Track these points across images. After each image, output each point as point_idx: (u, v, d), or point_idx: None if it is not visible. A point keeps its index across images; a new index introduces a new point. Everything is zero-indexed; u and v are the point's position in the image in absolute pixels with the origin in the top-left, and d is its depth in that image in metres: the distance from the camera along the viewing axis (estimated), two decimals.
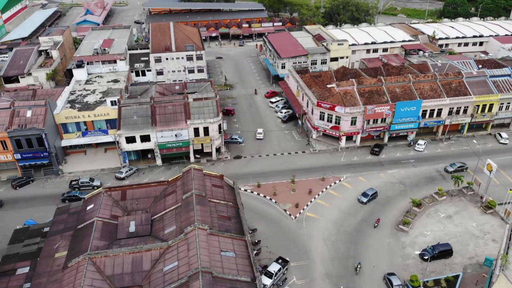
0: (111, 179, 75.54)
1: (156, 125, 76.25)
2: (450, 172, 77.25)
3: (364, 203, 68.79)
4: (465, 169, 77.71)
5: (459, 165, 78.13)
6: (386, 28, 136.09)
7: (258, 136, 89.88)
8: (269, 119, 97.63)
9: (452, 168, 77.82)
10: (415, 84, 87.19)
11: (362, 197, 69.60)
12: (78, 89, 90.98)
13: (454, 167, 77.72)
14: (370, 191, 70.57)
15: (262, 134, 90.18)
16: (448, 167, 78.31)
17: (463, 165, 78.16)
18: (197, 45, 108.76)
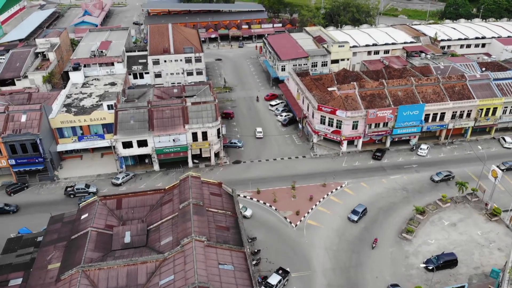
0: (108, 185, 73.94)
1: (154, 129, 74.66)
2: (436, 181, 74.66)
3: (355, 221, 64.74)
4: (451, 178, 75.32)
5: (446, 174, 75.46)
6: (387, 29, 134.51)
7: (258, 135, 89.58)
8: (269, 122, 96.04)
9: (438, 177, 75.10)
10: (418, 87, 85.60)
11: (352, 215, 65.29)
12: (74, 92, 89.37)
13: (441, 176, 75.01)
14: (360, 207, 66.34)
15: (262, 133, 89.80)
16: (435, 176, 75.44)
17: (449, 173, 75.47)
18: (196, 47, 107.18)
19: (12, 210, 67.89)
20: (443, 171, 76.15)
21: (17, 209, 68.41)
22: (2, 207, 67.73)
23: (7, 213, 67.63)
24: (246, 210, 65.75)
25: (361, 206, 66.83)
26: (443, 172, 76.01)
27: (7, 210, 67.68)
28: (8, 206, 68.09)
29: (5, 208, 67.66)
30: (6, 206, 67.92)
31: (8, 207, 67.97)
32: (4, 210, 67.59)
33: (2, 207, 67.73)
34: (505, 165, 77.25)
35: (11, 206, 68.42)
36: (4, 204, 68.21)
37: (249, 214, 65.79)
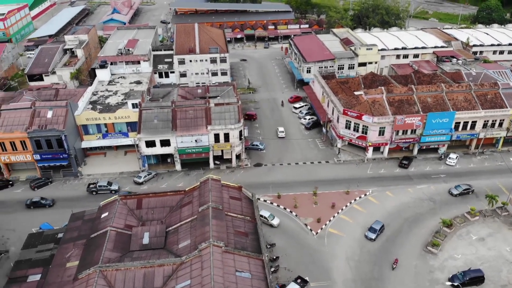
0: (130, 183, 74.15)
1: (177, 129, 74.44)
2: (455, 195, 71.04)
3: (373, 239, 61.25)
4: (470, 192, 71.90)
5: (465, 187, 71.74)
6: (418, 32, 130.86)
7: (280, 135, 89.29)
8: (292, 125, 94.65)
9: (457, 190, 71.44)
10: (448, 94, 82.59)
11: (370, 233, 61.74)
12: (100, 89, 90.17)
13: (460, 189, 71.34)
14: (377, 224, 62.81)
15: (284, 132, 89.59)
16: (453, 189, 71.72)
17: (469, 187, 71.73)
18: (221, 48, 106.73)
19: (48, 204, 68.46)
20: (462, 184, 72.50)
21: (53, 203, 68.94)
22: (39, 200, 68.43)
23: (43, 206, 68.21)
24: (273, 219, 63.56)
25: (379, 223, 63.11)
26: (462, 185, 72.33)
27: (43, 204, 68.32)
28: (44, 200, 68.77)
29: (41, 202, 68.37)
30: (42, 200, 68.67)
31: (45, 201, 68.64)
32: (40, 204, 68.26)
33: (38, 200, 68.42)
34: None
35: (47, 200, 69.04)
36: (40, 198, 68.94)
37: (277, 223, 63.56)
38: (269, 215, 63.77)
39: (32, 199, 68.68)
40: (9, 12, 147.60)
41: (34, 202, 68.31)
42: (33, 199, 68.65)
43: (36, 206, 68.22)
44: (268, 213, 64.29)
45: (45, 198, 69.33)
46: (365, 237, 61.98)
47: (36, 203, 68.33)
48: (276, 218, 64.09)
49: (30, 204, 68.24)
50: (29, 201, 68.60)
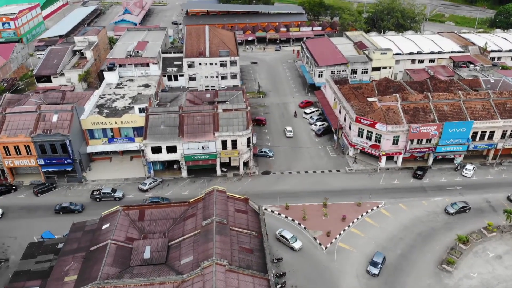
0: (134, 190, 72.42)
1: (183, 136, 72.48)
2: (451, 213, 66.66)
3: (377, 275, 55.42)
4: (467, 210, 68.19)
5: (462, 205, 67.50)
6: (434, 37, 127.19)
7: (288, 134, 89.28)
8: (302, 131, 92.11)
9: (453, 209, 67.07)
10: (466, 102, 79.30)
11: (372, 267, 55.92)
12: (108, 92, 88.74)
13: (456, 207, 67.05)
14: (379, 257, 57.01)
15: (292, 132, 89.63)
16: (449, 207, 67.42)
17: (466, 205, 67.60)
18: (231, 51, 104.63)
19: (78, 210, 67.07)
20: (459, 202, 67.93)
21: (82, 209, 67.56)
22: (68, 206, 67.02)
23: (73, 212, 66.86)
24: (295, 241, 59.01)
25: (380, 255, 57.40)
26: (458, 203, 67.81)
27: (72, 209, 66.83)
28: (73, 205, 67.39)
29: (70, 207, 66.94)
30: (71, 205, 67.35)
31: (74, 206, 67.24)
32: (69, 209, 66.76)
33: (67, 206, 67.01)
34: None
35: (76, 205, 67.67)
36: (69, 203, 67.62)
37: (298, 247, 58.96)
38: (291, 236, 59.66)
39: (61, 204, 67.21)
40: (20, 12, 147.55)
41: (63, 208, 66.87)
42: (62, 204, 67.17)
43: (65, 212, 66.68)
44: (291, 234, 60.14)
45: (74, 203, 67.82)
46: (367, 272, 56.13)
47: (65, 208, 66.85)
48: (298, 241, 59.55)
49: (59, 210, 66.77)
50: (58, 206, 67.12)
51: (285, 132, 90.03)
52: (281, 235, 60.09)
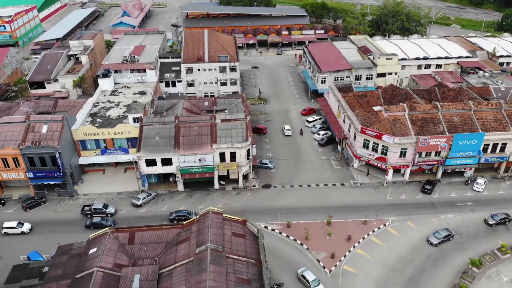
0: (127, 205, 68.74)
1: (179, 148, 68.80)
2: (435, 244, 60.84)
3: None
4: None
5: (445, 234, 61.87)
6: (440, 41, 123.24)
7: (287, 133, 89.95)
8: (304, 140, 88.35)
9: (437, 239, 61.26)
10: (477, 112, 75.42)
11: None
12: (102, 100, 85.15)
13: (440, 237, 61.04)
14: None
15: (290, 130, 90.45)
16: (432, 237, 61.33)
17: (449, 233, 61.65)
18: (231, 56, 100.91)
19: (109, 225, 63.31)
20: (441, 231, 62.15)
21: (114, 224, 64.18)
22: (99, 221, 63.63)
23: (104, 227, 62.10)
24: (317, 286, 53.01)
25: None
26: (441, 231, 62.02)
27: (104, 224, 63.17)
28: (105, 220, 64.11)
29: (102, 223, 63.51)
30: (103, 220, 64.04)
31: (105, 221, 63.94)
32: (101, 225, 63.13)
33: (98, 221, 63.60)
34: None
35: (108, 220, 64.49)
36: (101, 218, 64.30)
37: None
38: (313, 279, 53.39)
39: (92, 220, 63.86)
40: (16, 14, 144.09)
41: (94, 223, 63.52)
42: (93, 220, 63.81)
43: (96, 227, 62.92)
44: (313, 276, 53.80)
45: (105, 218, 64.57)
46: None
47: (96, 224, 63.45)
48: (321, 285, 53.37)
49: (90, 225, 63.49)
50: (88, 222, 63.85)
51: (283, 130, 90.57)
52: (302, 275, 54.12)
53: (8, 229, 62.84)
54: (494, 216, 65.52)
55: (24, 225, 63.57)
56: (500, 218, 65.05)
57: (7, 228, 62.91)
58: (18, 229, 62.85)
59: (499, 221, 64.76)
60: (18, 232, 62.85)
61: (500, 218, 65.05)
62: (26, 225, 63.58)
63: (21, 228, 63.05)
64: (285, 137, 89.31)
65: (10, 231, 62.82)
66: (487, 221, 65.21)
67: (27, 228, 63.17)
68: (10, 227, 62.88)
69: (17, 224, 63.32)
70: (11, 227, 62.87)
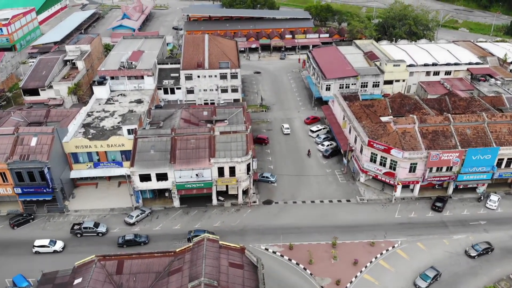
0: (120, 223, 64.98)
1: (175, 162, 65.02)
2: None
3: None
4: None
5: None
6: (449, 46, 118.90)
7: (286, 131, 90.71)
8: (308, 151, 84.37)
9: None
10: (490, 125, 71.25)
11: None
12: (96, 109, 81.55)
13: (428, 280, 54.23)
14: None
15: (289, 129, 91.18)
16: (419, 280, 54.54)
17: (437, 273, 55.33)
18: (232, 62, 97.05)
19: (143, 242, 60.65)
20: (429, 271, 55.36)
21: (148, 240, 61.03)
22: (132, 238, 60.46)
23: (138, 244, 60.32)
24: None
25: None
26: (428, 273, 55.07)
27: (138, 241, 60.41)
28: (138, 237, 60.90)
29: (135, 240, 60.47)
30: (136, 237, 60.77)
31: (139, 238, 60.80)
32: (134, 242, 60.31)
33: (131, 238, 60.44)
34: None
35: (141, 236, 61.28)
36: (134, 235, 61.01)
37: None
38: None
39: (125, 237, 60.63)
40: (14, 17, 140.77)
41: (127, 241, 60.35)
42: (126, 237, 60.57)
43: (129, 245, 60.06)
44: None
45: (139, 235, 61.29)
46: None
47: (129, 241, 60.36)
48: None
49: (123, 243, 60.26)
50: (121, 239, 60.58)
51: (282, 129, 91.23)
52: None
53: (40, 247, 59.26)
54: (475, 246, 60.08)
55: (57, 243, 60.10)
56: (482, 248, 59.60)
57: (38, 246, 59.29)
58: (51, 248, 59.29)
59: (481, 252, 59.29)
60: (50, 250, 59.26)
61: (482, 248, 59.56)
62: (59, 243, 60.12)
63: (53, 246, 59.51)
64: (288, 146, 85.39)
65: (41, 250, 59.33)
66: (468, 252, 59.52)
67: (59, 247, 59.66)
68: (42, 246, 59.30)
69: (49, 242, 59.84)
70: (43, 246, 59.30)
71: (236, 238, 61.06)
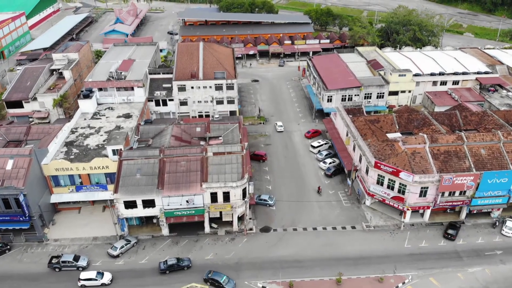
0: (103, 255, 59.15)
1: (163, 187, 59.30)
2: None
3: None
4: None
5: None
6: (456, 53, 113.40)
7: (279, 129, 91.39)
8: (309, 170, 78.78)
9: None
10: (506, 144, 65.70)
11: None
12: (81, 125, 75.86)
13: None
14: None
15: (283, 127, 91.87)
16: None
17: None
18: (228, 72, 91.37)
19: (187, 266, 56.76)
20: None
21: (191, 264, 57.08)
22: (175, 263, 56.36)
23: (181, 269, 56.40)
24: None
25: None
26: None
27: (181, 266, 56.46)
28: (181, 262, 56.90)
29: (178, 264, 56.44)
30: (179, 261, 56.78)
31: (181, 263, 56.79)
32: (178, 267, 56.36)
33: (174, 263, 56.32)
34: None
35: (184, 260, 57.26)
36: (176, 259, 56.93)
37: None
38: None
39: (167, 262, 56.31)
40: (2, 22, 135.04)
41: (170, 266, 56.14)
42: (168, 262, 56.29)
43: (172, 270, 56.22)
44: None
45: (181, 258, 57.35)
46: None
47: (172, 266, 56.20)
48: None
49: (166, 269, 56.03)
50: (163, 265, 56.20)
51: (275, 127, 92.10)
52: None
53: (86, 281, 54.39)
54: None
55: (105, 275, 55.20)
56: None
57: (84, 280, 54.43)
58: (98, 281, 54.45)
59: None
60: (98, 284, 54.45)
61: None
62: (107, 276, 55.26)
63: (101, 279, 54.60)
64: (288, 165, 79.71)
65: (88, 283, 54.39)
66: None
67: (107, 279, 54.84)
68: (89, 279, 54.39)
69: (96, 274, 54.78)
70: (90, 279, 54.38)
71: (231, 274, 55.53)
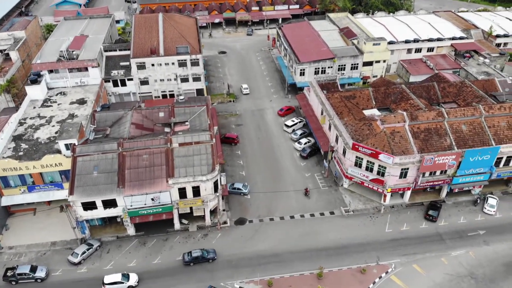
0: (63, 262, 53.73)
1: (125, 186, 53.67)
2: None
3: None
4: None
5: None
6: (430, 18, 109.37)
7: (245, 92, 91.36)
8: (283, 151, 74.52)
9: None
10: (488, 119, 62.91)
11: None
12: (30, 115, 68.17)
13: None
14: None
15: (248, 89, 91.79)
16: None
17: None
18: (192, 46, 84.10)
19: (212, 258, 53.77)
20: None
21: (216, 256, 53.93)
22: (200, 255, 53.28)
23: (206, 261, 53.46)
24: None
25: None
26: None
27: (206, 258, 53.48)
28: (206, 253, 53.87)
29: (203, 257, 53.42)
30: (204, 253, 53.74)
31: (207, 254, 53.80)
32: (202, 259, 53.38)
33: (199, 255, 53.25)
34: None
35: (209, 252, 54.27)
36: (201, 250, 53.87)
37: None
38: None
39: (192, 253, 53.38)
40: None
41: (195, 258, 53.24)
42: (193, 254, 53.37)
43: (197, 262, 53.41)
44: None
45: (206, 250, 54.39)
46: None
47: (197, 258, 53.30)
48: None
49: (191, 261, 53.13)
50: (188, 257, 53.24)
51: (241, 90, 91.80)
52: None
53: (111, 285, 49.79)
54: None
55: (131, 277, 50.74)
56: None
57: (109, 284, 49.83)
58: (125, 284, 49.94)
59: None
60: (124, 287, 49.90)
61: None
62: (133, 277, 50.89)
63: (128, 282, 50.09)
64: (262, 147, 75.04)
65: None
66: None
67: (134, 281, 50.51)
68: (114, 283, 49.71)
69: (121, 277, 49.99)
70: (115, 282, 49.76)
71: (205, 275, 51.58)
